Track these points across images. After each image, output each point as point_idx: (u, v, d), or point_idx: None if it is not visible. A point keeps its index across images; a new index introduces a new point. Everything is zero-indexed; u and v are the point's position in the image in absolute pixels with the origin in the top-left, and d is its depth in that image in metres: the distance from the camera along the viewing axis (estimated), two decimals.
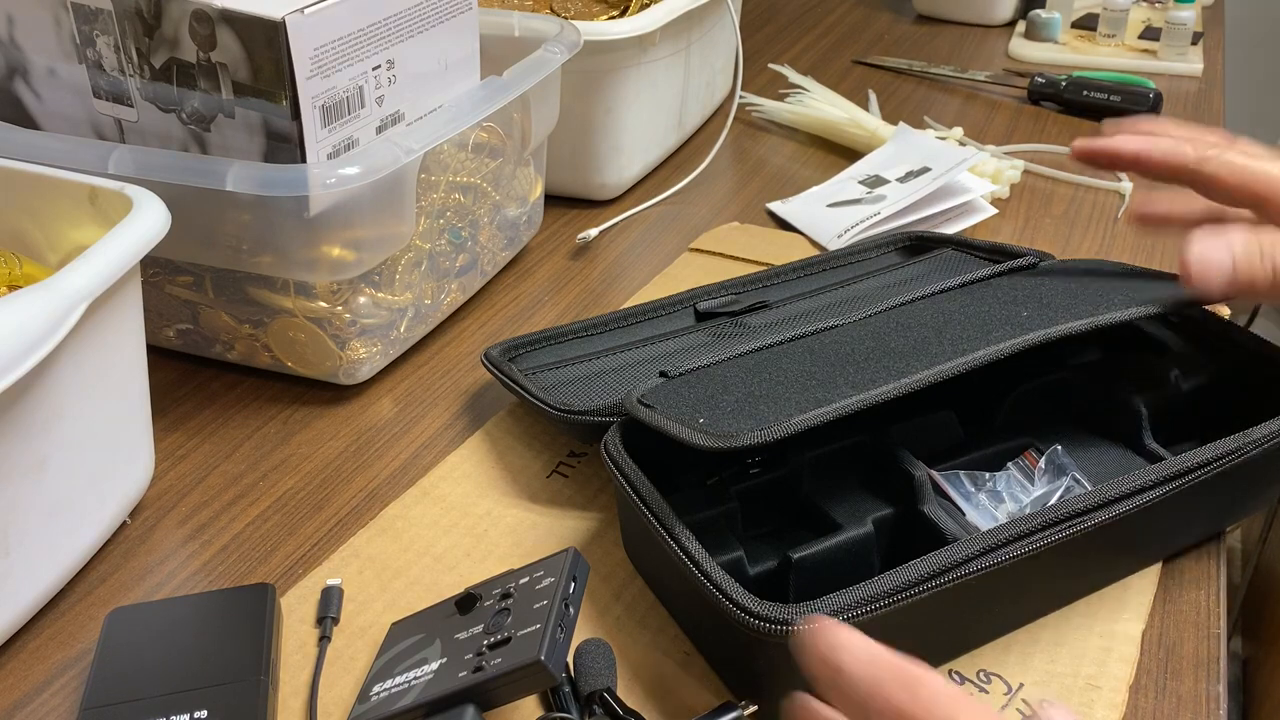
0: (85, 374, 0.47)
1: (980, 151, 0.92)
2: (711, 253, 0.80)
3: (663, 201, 0.87)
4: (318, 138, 0.56)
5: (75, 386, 0.47)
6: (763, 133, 1.02)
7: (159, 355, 0.65)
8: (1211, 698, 0.45)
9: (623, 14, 0.85)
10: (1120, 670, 0.46)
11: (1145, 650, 0.47)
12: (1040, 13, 1.24)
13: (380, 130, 0.61)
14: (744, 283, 0.69)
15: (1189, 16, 1.17)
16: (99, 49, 0.58)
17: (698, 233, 0.83)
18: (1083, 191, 0.90)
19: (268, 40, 0.53)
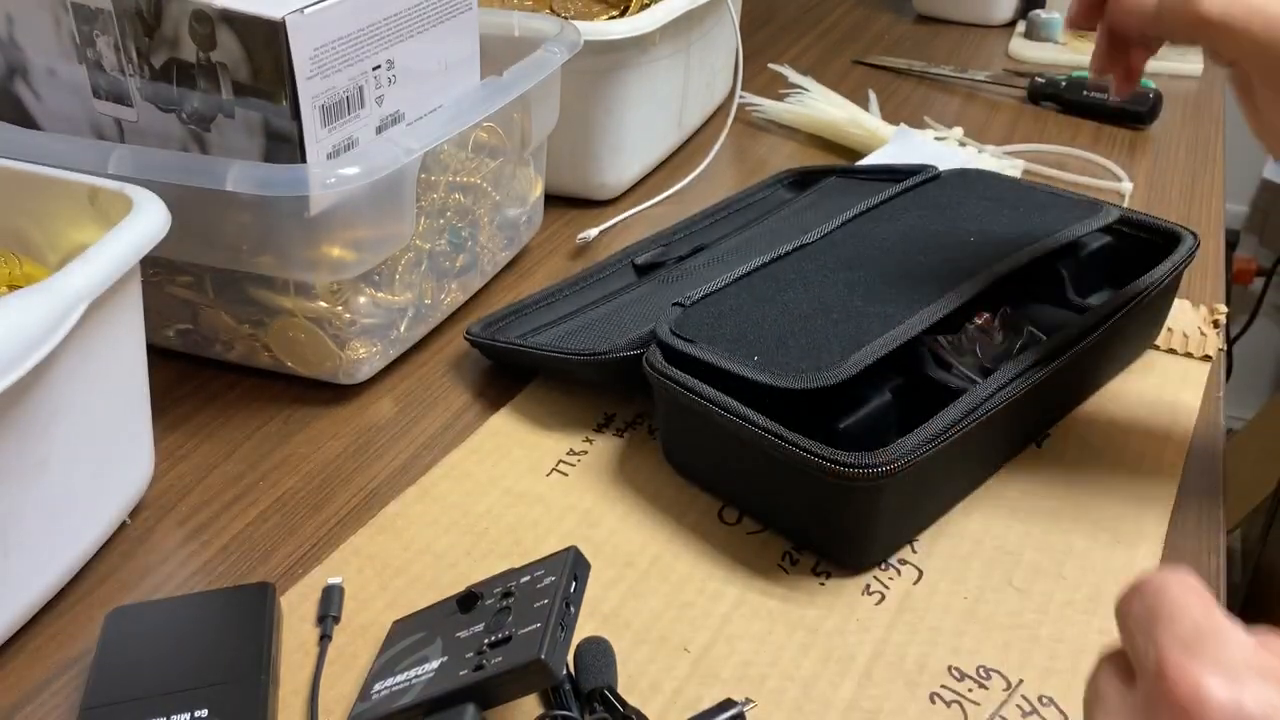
0: (85, 374, 0.47)
1: (980, 152, 0.92)
2: None
3: (663, 201, 0.87)
4: (318, 138, 0.56)
5: (75, 386, 0.47)
6: (763, 133, 1.02)
7: (159, 355, 0.64)
8: None
9: (623, 14, 0.85)
10: None
11: None
12: (1040, 13, 1.24)
13: (380, 130, 0.61)
14: (668, 235, 0.77)
15: None
16: (99, 49, 0.58)
17: None
18: (1083, 191, 0.90)
19: (268, 40, 0.53)
